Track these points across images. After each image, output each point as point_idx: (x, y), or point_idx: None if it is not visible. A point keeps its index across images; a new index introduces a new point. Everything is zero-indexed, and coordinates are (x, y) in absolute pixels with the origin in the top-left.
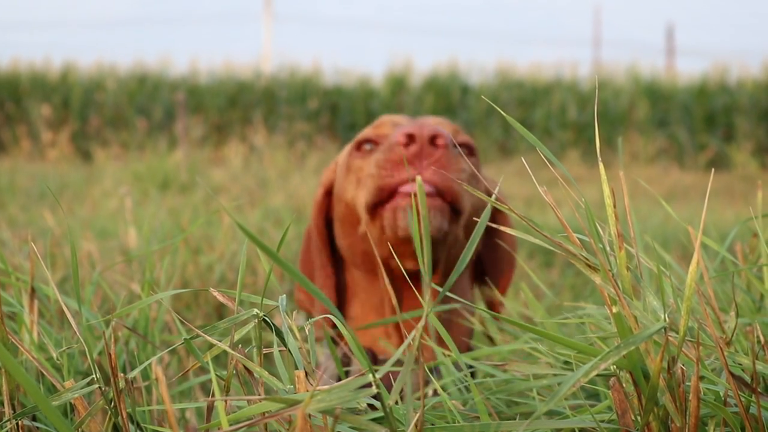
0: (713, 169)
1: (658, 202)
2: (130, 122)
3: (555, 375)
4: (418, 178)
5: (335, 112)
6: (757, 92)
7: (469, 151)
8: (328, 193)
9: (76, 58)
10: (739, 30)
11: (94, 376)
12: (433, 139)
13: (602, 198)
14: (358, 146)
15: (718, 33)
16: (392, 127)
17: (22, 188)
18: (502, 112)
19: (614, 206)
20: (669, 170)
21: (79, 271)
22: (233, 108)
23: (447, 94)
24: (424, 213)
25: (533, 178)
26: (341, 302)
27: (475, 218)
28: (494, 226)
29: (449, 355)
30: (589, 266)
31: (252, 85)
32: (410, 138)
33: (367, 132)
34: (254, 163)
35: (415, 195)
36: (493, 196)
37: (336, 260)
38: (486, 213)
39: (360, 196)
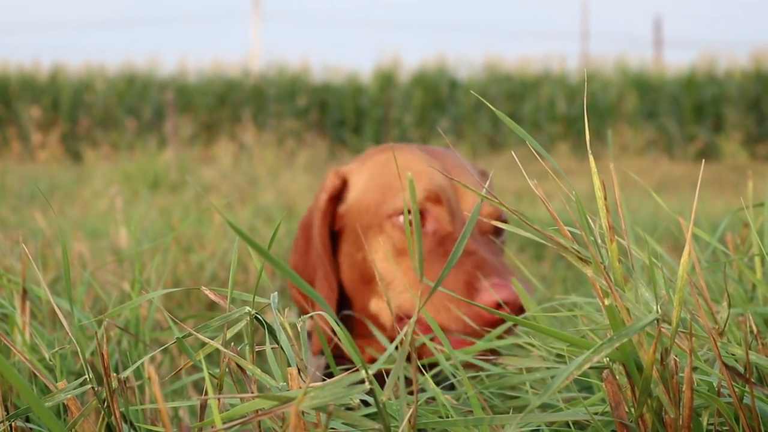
0: (703, 160)
1: (648, 193)
2: (120, 122)
3: (548, 368)
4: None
5: (324, 109)
6: (746, 82)
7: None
8: (332, 200)
9: (65, 59)
10: (726, 21)
11: (86, 376)
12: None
13: (592, 190)
14: (399, 214)
15: (706, 24)
16: (429, 188)
17: (12, 190)
18: (491, 107)
19: (605, 198)
20: (658, 161)
21: (70, 271)
22: (222, 106)
23: (435, 90)
24: (415, 210)
25: (523, 171)
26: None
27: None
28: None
29: (443, 351)
30: (581, 259)
31: (241, 83)
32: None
33: (401, 202)
34: (244, 161)
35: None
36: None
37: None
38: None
39: (397, 287)
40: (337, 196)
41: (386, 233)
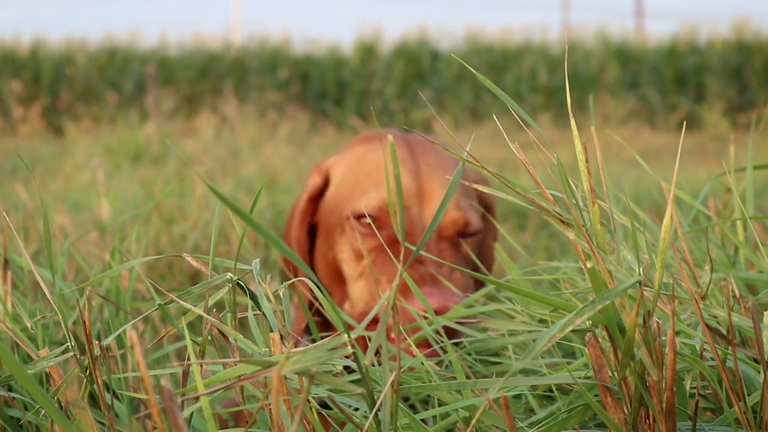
0: (684, 130)
1: (631, 163)
2: (101, 96)
3: (530, 332)
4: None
5: (306, 81)
6: (727, 52)
7: (488, 209)
8: (313, 199)
9: (45, 33)
10: None
11: (69, 344)
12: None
13: (575, 161)
14: (358, 217)
15: None
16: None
17: None
18: (476, 73)
19: (586, 161)
20: (640, 131)
21: (52, 243)
22: (204, 79)
23: (417, 61)
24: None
25: (507, 139)
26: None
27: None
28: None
29: (425, 316)
30: (563, 222)
31: (222, 56)
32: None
33: (369, 202)
34: (226, 134)
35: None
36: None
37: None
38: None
39: (357, 288)
40: (319, 194)
41: (346, 235)
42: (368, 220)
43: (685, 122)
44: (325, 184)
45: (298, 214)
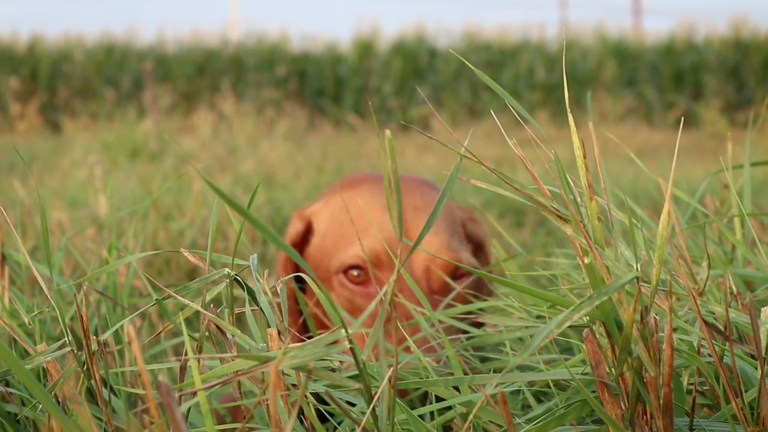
0: (682, 127)
1: (628, 161)
2: (99, 93)
3: (527, 328)
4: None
5: (303, 78)
6: (725, 50)
7: (479, 247)
8: (296, 246)
9: (43, 30)
10: None
11: (66, 339)
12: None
13: (572, 158)
14: (345, 270)
15: None
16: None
17: None
18: (475, 69)
19: (584, 157)
20: (638, 129)
21: (49, 239)
22: (201, 76)
23: (415, 58)
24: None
25: (505, 135)
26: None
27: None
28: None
29: (423, 313)
30: (561, 218)
31: (220, 53)
32: None
33: (355, 253)
34: (223, 131)
35: None
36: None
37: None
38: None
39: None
40: (301, 241)
41: (335, 290)
42: (355, 273)
43: (682, 120)
44: (307, 231)
45: (281, 262)
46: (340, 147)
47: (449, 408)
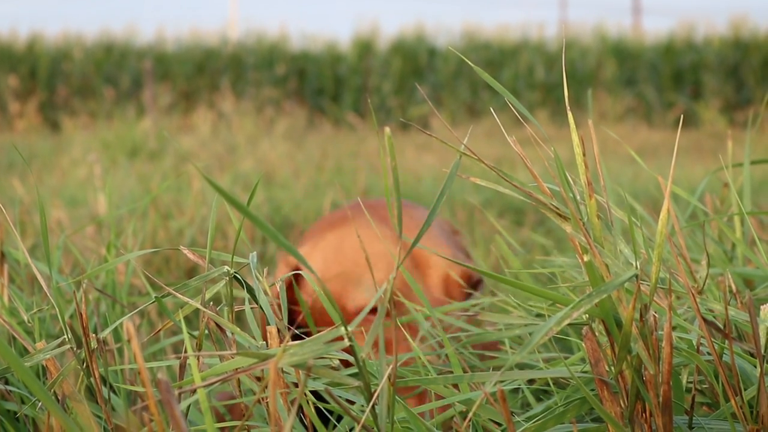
0: (681, 126)
1: (628, 160)
2: (98, 91)
3: (527, 325)
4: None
5: (303, 77)
6: (724, 49)
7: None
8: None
9: (42, 28)
10: None
11: (65, 337)
12: None
13: (572, 157)
14: (355, 313)
15: None
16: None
17: None
18: (475, 67)
19: (584, 154)
20: (637, 129)
21: (49, 238)
22: (201, 75)
23: (414, 58)
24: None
25: (505, 134)
26: None
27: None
28: None
29: (422, 310)
30: (560, 215)
31: (219, 51)
32: None
33: (372, 292)
34: (223, 130)
35: None
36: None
37: None
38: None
39: None
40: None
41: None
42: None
43: (681, 119)
44: (295, 278)
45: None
46: (339, 146)
47: (449, 406)
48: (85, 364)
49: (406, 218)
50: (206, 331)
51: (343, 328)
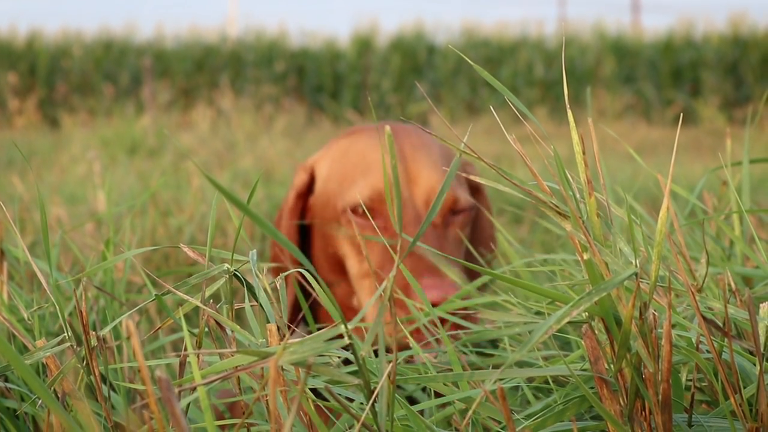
0: (680, 124)
1: (627, 158)
2: (97, 88)
3: (526, 323)
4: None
5: (302, 75)
6: (723, 47)
7: (476, 190)
8: (301, 197)
9: (41, 25)
10: None
11: (65, 334)
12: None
13: (571, 155)
14: (354, 209)
15: None
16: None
17: None
18: (474, 64)
19: (583, 153)
20: (636, 126)
21: (48, 235)
22: (200, 72)
23: (413, 55)
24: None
25: (504, 131)
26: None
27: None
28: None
29: (422, 309)
30: (560, 213)
31: (218, 48)
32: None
33: (361, 191)
34: (222, 127)
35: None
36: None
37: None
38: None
39: (364, 287)
40: (306, 191)
41: (344, 228)
42: (362, 209)
43: (681, 117)
44: (312, 181)
45: (287, 212)
46: None
47: (449, 404)
48: (85, 362)
49: (415, 136)
50: (206, 329)
51: (343, 327)
